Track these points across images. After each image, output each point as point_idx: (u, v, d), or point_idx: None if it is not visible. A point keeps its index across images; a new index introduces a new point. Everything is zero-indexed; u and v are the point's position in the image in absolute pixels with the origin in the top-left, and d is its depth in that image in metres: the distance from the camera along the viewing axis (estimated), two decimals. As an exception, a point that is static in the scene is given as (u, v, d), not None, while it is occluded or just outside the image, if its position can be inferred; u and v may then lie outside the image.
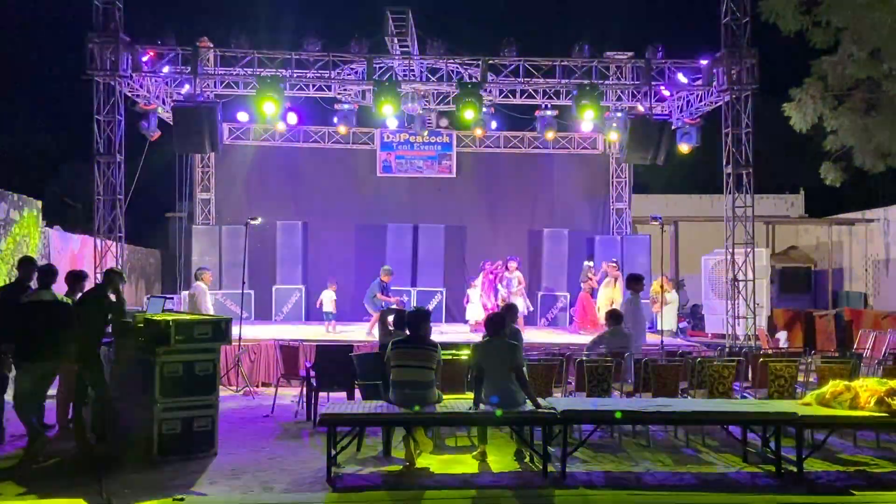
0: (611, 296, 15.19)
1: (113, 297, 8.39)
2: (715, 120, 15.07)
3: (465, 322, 15.94)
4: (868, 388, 7.81)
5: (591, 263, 16.54)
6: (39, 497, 6.55)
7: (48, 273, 8.34)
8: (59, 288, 8.31)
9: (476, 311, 15.57)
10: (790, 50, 13.83)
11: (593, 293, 16.00)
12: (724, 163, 14.50)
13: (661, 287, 14.69)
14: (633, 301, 11.25)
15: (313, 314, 17.14)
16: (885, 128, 13.10)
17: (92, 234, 13.91)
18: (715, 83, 14.34)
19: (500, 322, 8.07)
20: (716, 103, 14.91)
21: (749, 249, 14.43)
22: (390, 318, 10.11)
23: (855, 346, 15.25)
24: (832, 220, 23.02)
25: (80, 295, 8.82)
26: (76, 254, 14.43)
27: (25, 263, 8.85)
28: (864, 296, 21.66)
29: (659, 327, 14.13)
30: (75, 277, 9.15)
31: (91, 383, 8.28)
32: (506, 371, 7.59)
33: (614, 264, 16.04)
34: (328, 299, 15.25)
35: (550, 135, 15.99)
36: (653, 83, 14.45)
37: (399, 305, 14.06)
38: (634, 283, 11.37)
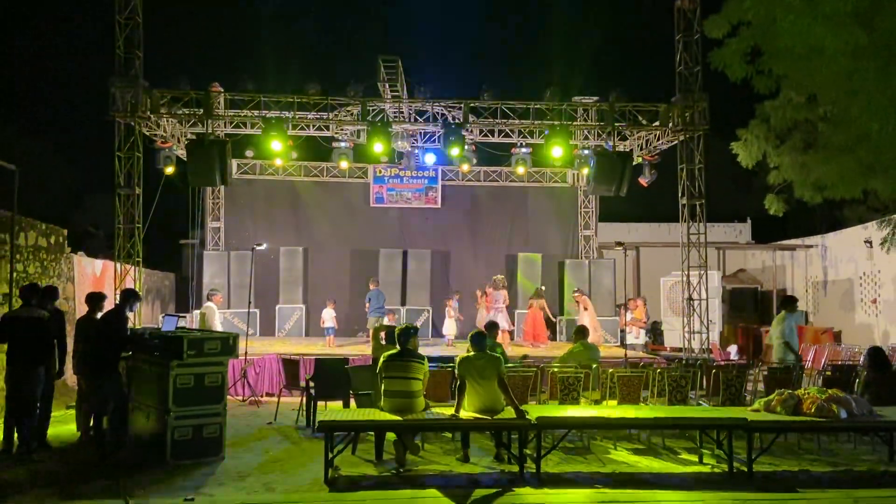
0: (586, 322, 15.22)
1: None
2: (671, 157, 15.21)
3: (444, 337, 15.92)
4: (810, 396, 7.84)
5: (543, 287, 16.65)
6: (62, 498, 6.46)
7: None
8: (80, 307, 8.24)
9: (451, 327, 15.59)
10: (737, 95, 13.95)
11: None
12: (680, 194, 14.62)
13: (643, 310, 14.95)
14: (787, 319, 10.99)
15: (313, 330, 17.09)
16: (821, 164, 13.22)
17: (113, 259, 13.82)
18: (671, 124, 14.48)
19: (482, 339, 8.05)
20: (672, 142, 15.05)
21: (702, 272, 14.51)
22: (382, 334, 10.07)
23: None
24: (776, 246, 23.18)
25: (100, 314, 8.76)
26: (98, 277, 14.30)
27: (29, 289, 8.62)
28: (805, 313, 21.77)
29: (630, 342, 14.21)
30: (95, 298, 9.07)
31: (110, 394, 8.20)
32: (486, 381, 7.57)
33: (578, 293, 16.14)
34: (328, 316, 15.20)
35: (521, 170, 16.08)
36: (616, 124, 14.57)
37: (391, 321, 14.06)
38: (790, 304, 11.13)
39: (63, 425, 9.24)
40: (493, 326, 10.11)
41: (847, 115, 11.11)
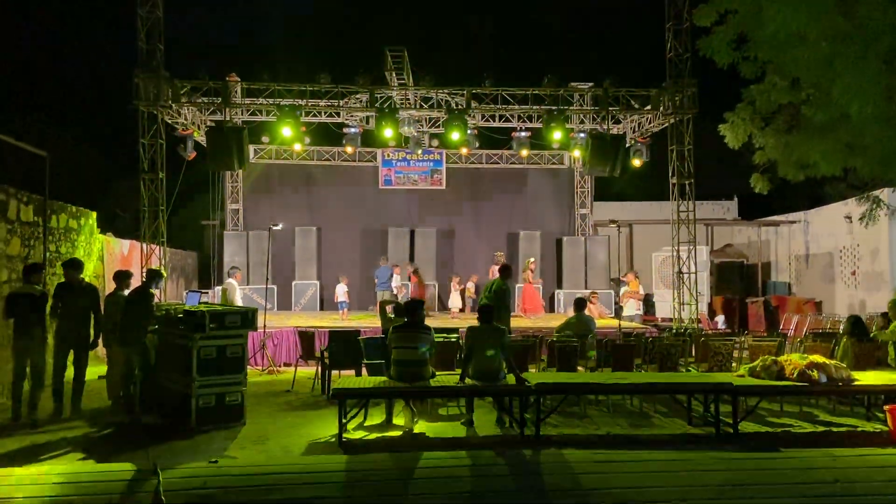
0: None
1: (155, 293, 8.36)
2: (662, 139, 15.12)
3: (449, 310, 16.02)
4: (792, 362, 7.85)
5: (532, 259, 16.68)
6: (96, 461, 6.51)
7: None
8: (109, 284, 8.27)
9: (456, 301, 15.66)
10: (724, 80, 13.83)
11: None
12: (670, 174, 14.54)
13: (637, 282, 14.98)
14: None
15: (327, 305, 17.15)
16: (803, 144, 13.13)
17: (139, 240, 13.85)
18: (661, 108, 14.38)
19: (490, 312, 8.06)
20: (662, 125, 14.95)
21: (691, 247, 14.48)
22: (389, 308, 10.09)
23: (780, 327, 15.36)
24: (761, 222, 23.11)
25: (126, 292, 8.79)
26: (126, 256, 14.34)
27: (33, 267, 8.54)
28: (788, 285, 21.75)
29: (628, 313, 14.22)
30: (122, 276, 9.10)
31: (138, 365, 8.26)
32: (490, 350, 7.57)
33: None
34: (341, 291, 15.26)
35: (524, 152, 16.00)
36: (610, 108, 14.47)
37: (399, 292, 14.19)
38: None
39: (95, 394, 9.31)
40: (506, 269, 10.41)
41: (828, 97, 10.99)
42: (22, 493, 5.59)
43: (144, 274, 9.23)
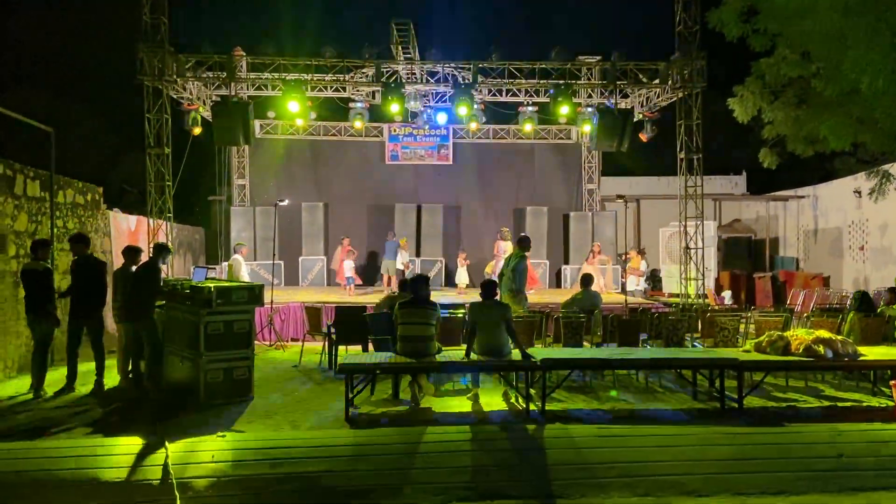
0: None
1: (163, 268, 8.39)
2: (670, 113, 14.99)
3: (456, 285, 16.04)
4: (798, 338, 7.84)
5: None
6: (105, 436, 6.58)
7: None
8: (117, 260, 8.31)
9: (463, 276, 15.66)
10: (733, 53, 13.68)
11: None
12: (678, 149, 14.44)
13: (639, 259, 14.92)
14: None
15: (333, 280, 17.18)
16: (813, 118, 13.00)
17: (146, 215, 13.87)
18: (670, 82, 14.24)
19: (493, 287, 8.06)
20: (671, 99, 14.82)
21: (699, 222, 14.41)
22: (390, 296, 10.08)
23: (788, 303, 15.32)
24: (770, 197, 22.97)
25: (134, 267, 8.82)
26: (133, 231, 14.37)
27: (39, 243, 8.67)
28: (796, 260, 21.67)
29: (629, 289, 14.21)
30: (131, 251, 9.12)
31: (147, 340, 8.31)
32: (495, 327, 7.59)
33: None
34: (348, 267, 15.27)
35: (530, 127, 15.89)
36: (617, 82, 14.34)
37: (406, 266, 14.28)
38: None
39: (105, 370, 9.38)
40: (524, 239, 10.39)
41: (838, 70, 10.87)
42: (31, 467, 5.66)
43: (151, 249, 9.24)
